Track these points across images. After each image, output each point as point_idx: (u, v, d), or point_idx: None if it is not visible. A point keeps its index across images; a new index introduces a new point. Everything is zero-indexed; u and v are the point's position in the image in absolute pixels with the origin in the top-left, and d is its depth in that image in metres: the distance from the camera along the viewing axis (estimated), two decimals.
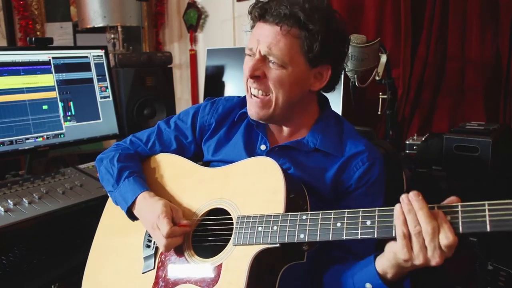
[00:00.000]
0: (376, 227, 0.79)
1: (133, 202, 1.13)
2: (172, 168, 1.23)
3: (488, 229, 0.67)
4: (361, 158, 1.08)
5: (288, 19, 0.99)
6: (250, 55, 1.06)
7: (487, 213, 0.68)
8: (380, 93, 1.81)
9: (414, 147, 1.70)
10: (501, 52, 1.77)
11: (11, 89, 1.67)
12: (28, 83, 1.71)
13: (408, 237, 0.74)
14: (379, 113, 1.84)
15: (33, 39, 1.81)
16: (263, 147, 1.14)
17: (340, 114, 1.89)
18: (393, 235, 0.77)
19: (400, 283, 0.87)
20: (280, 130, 1.16)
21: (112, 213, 1.28)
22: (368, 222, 0.79)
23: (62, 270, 1.47)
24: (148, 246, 1.13)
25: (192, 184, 1.15)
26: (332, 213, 0.85)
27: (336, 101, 1.90)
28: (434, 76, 1.96)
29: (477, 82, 1.85)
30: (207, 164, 1.24)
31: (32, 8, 2.94)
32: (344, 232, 0.82)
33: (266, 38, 1.01)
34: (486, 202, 0.69)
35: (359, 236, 0.80)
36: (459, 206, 0.72)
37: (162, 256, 1.08)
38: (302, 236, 0.86)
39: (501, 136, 1.46)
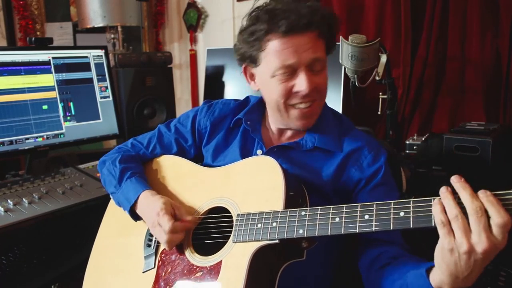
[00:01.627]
0: (374, 220, 0.78)
1: (136, 201, 1.14)
2: (173, 169, 1.24)
3: None
4: (362, 152, 1.08)
5: (322, 20, 0.99)
6: (287, 75, 1.01)
7: None
8: (380, 93, 1.81)
9: (414, 147, 1.70)
10: (501, 52, 1.77)
11: (12, 89, 1.67)
12: (28, 83, 1.72)
13: (448, 223, 0.68)
14: (379, 113, 1.84)
15: (33, 39, 1.81)
16: (259, 151, 1.14)
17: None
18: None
19: None
20: (282, 133, 1.16)
21: (113, 214, 1.28)
22: (366, 216, 0.80)
23: (62, 270, 1.47)
24: (149, 246, 1.13)
25: (193, 184, 1.16)
26: (331, 208, 0.85)
27: (336, 101, 1.90)
28: (434, 76, 1.96)
29: (477, 82, 1.85)
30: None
31: (32, 8, 2.94)
32: (343, 226, 0.82)
33: (306, 46, 0.98)
34: None
35: (357, 230, 0.80)
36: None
37: (163, 255, 1.09)
38: (301, 231, 0.86)
39: (501, 136, 1.45)
